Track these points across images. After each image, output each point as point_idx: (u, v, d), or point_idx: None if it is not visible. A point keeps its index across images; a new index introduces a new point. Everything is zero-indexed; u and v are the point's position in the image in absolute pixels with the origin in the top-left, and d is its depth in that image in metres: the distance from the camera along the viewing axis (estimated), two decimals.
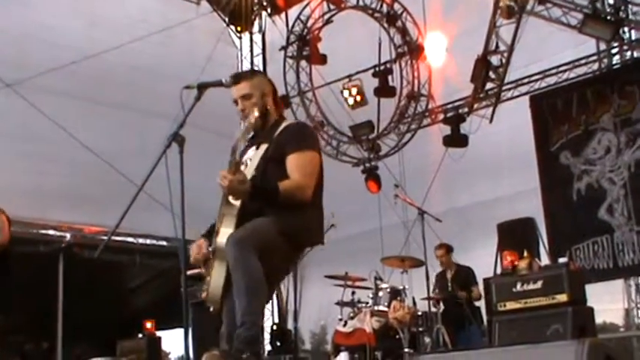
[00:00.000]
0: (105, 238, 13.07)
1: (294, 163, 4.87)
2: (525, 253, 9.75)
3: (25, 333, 12.63)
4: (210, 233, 5.05)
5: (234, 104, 5.17)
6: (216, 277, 4.82)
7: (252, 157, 5.08)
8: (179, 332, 6.94)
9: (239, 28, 16.22)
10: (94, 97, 13.74)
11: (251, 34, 16.45)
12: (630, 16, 12.05)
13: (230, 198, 4.84)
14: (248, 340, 4.53)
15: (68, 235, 13.72)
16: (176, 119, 4.75)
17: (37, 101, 12.95)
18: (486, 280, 9.67)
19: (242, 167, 5.03)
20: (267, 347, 13.44)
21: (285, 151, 4.91)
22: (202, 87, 4.80)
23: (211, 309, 4.92)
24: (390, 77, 14.07)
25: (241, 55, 16.61)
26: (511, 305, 9.13)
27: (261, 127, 5.15)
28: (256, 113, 4.99)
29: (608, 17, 11.98)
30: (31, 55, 13.28)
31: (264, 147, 5.04)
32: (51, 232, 13.79)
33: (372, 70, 14.11)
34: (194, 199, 4.93)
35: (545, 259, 11.06)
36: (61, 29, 13.62)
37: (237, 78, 5.18)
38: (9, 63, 12.99)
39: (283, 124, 5.13)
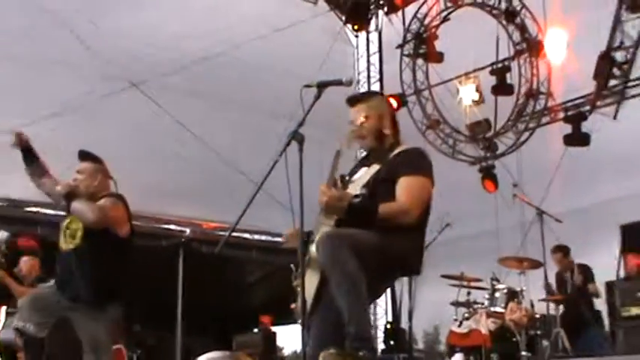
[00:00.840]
0: (222, 233, 13.30)
1: (404, 185, 4.72)
2: None
3: (145, 324, 12.94)
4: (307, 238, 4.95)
5: (350, 125, 5.08)
6: (308, 287, 4.70)
7: (362, 175, 4.97)
8: (294, 328, 6.98)
9: (356, 27, 16.19)
10: (214, 96, 14.00)
11: (367, 32, 16.43)
12: None
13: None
14: (361, 337, 4.38)
15: (188, 230, 14.08)
16: (295, 118, 4.70)
17: (160, 100, 13.27)
18: (609, 284, 9.82)
19: (350, 185, 4.96)
20: (381, 346, 13.61)
21: (398, 173, 4.76)
22: (322, 86, 4.73)
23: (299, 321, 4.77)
24: (508, 75, 13.93)
25: (358, 53, 16.61)
26: (636, 311, 9.02)
27: (376, 149, 5.06)
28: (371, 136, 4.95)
29: None
30: (156, 56, 13.48)
31: (375, 167, 4.91)
32: (172, 226, 14.23)
33: (489, 68, 14.00)
34: (312, 198, 4.77)
35: None
36: (183, 31, 13.75)
37: (355, 100, 5.17)
38: (135, 64, 13.27)
39: (399, 148, 4.96)
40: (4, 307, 8.79)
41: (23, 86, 12.93)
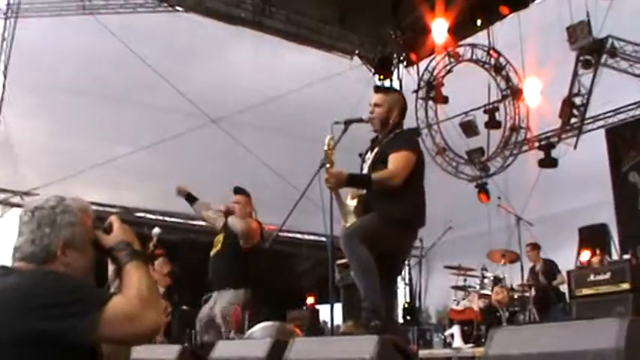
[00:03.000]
0: (281, 234, 13.74)
1: (392, 159, 4.73)
2: (598, 251, 9.81)
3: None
4: None
5: (370, 106, 5.08)
6: None
7: (370, 157, 4.98)
8: (335, 306, 7.24)
9: (382, 77, 16.14)
10: (275, 130, 14.22)
11: (391, 80, 16.30)
12: None
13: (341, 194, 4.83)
14: (373, 310, 4.47)
15: None
16: (338, 147, 4.79)
17: (234, 133, 13.66)
18: (568, 272, 9.58)
19: (364, 165, 5.03)
20: (400, 320, 13.03)
21: (389, 151, 4.80)
22: (348, 122, 4.87)
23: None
24: (496, 113, 14.11)
25: None
26: (586, 291, 8.97)
27: (380, 132, 5.04)
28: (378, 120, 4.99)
29: None
30: (230, 98, 13.84)
31: (376, 149, 4.96)
32: None
33: (483, 108, 14.16)
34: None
35: (616, 257, 11.07)
36: (252, 79, 14.11)
37: (377, 89, 5.23)
38: (213, 104, 13.64)
39: (394, 132, 4.98)
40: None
41: (130, 122, 13.48)
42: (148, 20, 13.25)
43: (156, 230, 9.39)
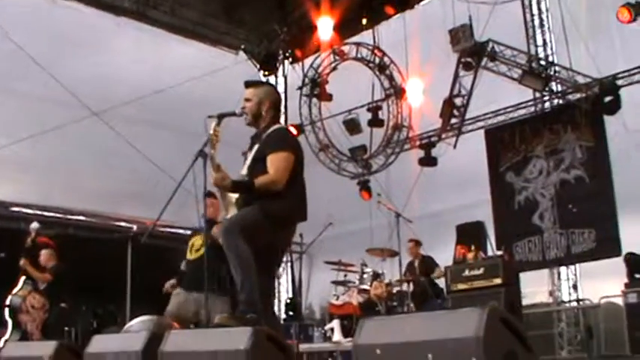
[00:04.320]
0: (162, 229, 13.50)
1: (270, 161, 4.73)
2: (472, 247, 10.10)
3: (99, 299, 12.94)
4: None
5: (242, 102, 5.04)
6: None
7: (250, 156, 4.97)
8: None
9: (267, 72, 16.25)
10: (157, 123, 14.13)
11: (276, 76, 16.57)
12: (556, 74, 12.36)
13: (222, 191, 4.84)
14: (249, 303, 4.48)
15: (135, 227, 14.07)
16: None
17: (115, 125, 13.44)
18: (446, 268, 9.93)
19: (245, 162, 5.00)
20: (283, 316, 13.45)
21: (267, 151, 4.79)
22: (221, 116, 4.81)
23: None
24: (380, 112, 14.38)
25: None
26: (461, 286, 9.40)
27: (256, 127, 5.01)
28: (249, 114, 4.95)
29: (541, 73, 12.29)
30: (112, 91, 13.66)
31: (255, 147, 4.94)
32: (122, 223, 14.24)
33: (366, 107, 14.38)
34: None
35: (491, 254, 11.44)
36: (134, 71, 14.00)
37: (247, 84, 5.15)
38: (94, 96, 13.38)
39: (270, 129, 4.94)
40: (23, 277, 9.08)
41: (6, 112, 13.06)
42: (25, 5, 12.80)
43: (34, 225, 9.08)
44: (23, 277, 9.10)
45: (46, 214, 13.34)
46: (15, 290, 9.02)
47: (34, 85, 12.90)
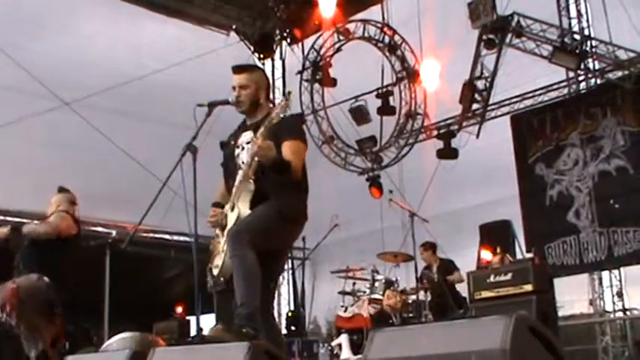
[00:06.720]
0: (145, 234, 13.56)
1: (289, 147, 4.83)
2: (498, 250, 10.15)
3: (71, 315, 12.92)
4: (217, 204, 5.13)
5: (233, 90, 5.10)
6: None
7: (248, 144, 5.00)
8: (208, 317, 7.22)
9: (262, 56, 16.12)
10: (137, 114, 14.09)
11: (272, 60, 16.54)
12: (593, 49, 12.21)
13: (249, 173, 4.84)
14: (247, 317, 4.54)
15: (114, 232, 14.09)
16: (207, 132, 4.88)
17: (89, 117, 13.28)
18: (468, 274, 9.79)
19: (238, 150, 5.09)
20: (284, 331, 13.20)
21: (281, 138, 4.84)
22: (212, 105, 4.87)
23: (221, 279, 4.91)
24: (390, 98, 14.27)
25: None
26: (486, 294, 9.21)
27: (251, 116, 5.10)
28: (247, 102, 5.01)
29: (575, 49, 12.15)
30: (86, 78, 13.58)
31: (259, 133, 4.84)
32: (99, 228, 14.18)
33: (375, 92, 14.28)
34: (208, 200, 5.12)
35: (520, 256, 11.46)
36: (109, 55, 13.92)
37: (238, 69, 5.17)
38: (66, 84, 13.31)
39: (276, 116, 4.82)
40: None
41: None
42: None
43: None
44: None
45: (8, 218, 13.32)
46: None
47: None
